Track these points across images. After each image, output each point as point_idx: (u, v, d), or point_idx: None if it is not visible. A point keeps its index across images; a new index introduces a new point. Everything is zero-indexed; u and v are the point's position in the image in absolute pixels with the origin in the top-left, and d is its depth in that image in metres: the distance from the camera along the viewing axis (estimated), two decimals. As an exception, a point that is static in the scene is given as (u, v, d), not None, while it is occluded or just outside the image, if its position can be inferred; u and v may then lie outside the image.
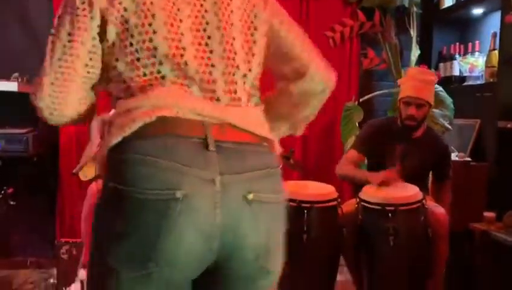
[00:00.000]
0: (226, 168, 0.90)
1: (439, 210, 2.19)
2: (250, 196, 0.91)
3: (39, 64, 1.06)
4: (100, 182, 2.30)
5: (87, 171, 2.82)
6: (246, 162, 0.93)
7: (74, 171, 2.25)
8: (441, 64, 3.34)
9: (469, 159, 2.83)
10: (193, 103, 0.93)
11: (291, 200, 2.00)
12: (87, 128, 2.77)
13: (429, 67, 3.46)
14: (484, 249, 2.62)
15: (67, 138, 3.13)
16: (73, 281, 2.37)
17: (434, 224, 2.13)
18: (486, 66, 2.89)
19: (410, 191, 2.18)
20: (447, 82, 3.19)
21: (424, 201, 2.13)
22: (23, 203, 3.03)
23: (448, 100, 3.02)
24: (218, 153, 0.91)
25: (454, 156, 2.87)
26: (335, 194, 2.18)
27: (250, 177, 0.93)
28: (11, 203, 2.96)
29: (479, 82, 2.97)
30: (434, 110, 2.80)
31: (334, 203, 2.15)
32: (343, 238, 2.12)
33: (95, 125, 2.85)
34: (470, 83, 3.07)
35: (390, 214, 2.07)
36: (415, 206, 2.11)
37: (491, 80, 2.80)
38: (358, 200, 2.17)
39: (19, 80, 3.06)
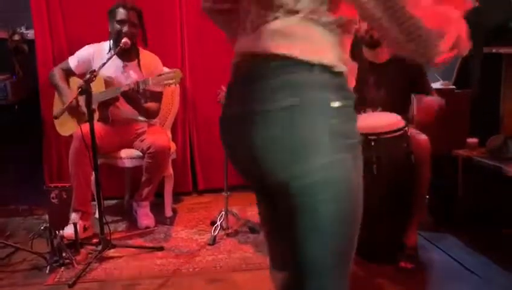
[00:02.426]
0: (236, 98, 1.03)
1: (421, 137, 2.22)
2: (240, 115, 0.98)
3: (8, 8, 0.99)
4: (85, 125, 2.30)
5: (64, 127, 2.78)
6: (245, 88, 1.00)
7: (55, 113, 2.21)
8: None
9: (453, 86, 2.83)
10: None
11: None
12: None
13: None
14: (467, 174, 2.70)
15: (46, 83, 3.04)
16: (66, 224, 2.41)
17: (416, 150, 2.16)
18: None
19: (392, 119, 2.19)
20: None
21: (406, 128, 2.15)
22: (8, 151, 3.00)
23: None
24: None
25: (438, 84, 2.88)
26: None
27: (244, 98, 0.98)
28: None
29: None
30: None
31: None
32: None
33: (58, 74, 2.77)
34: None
35: (372, 143, 2.09)
36: (397, 134, 2.13)
37: (476, 5, 2.75)
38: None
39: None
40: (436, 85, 2.85)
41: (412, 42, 0.91)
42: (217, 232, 2.61)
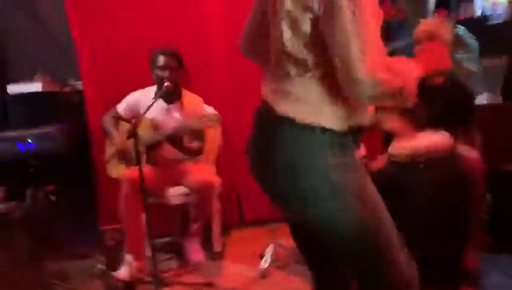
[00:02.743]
0: None
1: (471, 154, 2.15)
2: None
3: (58, 62, 1.10)
4: (133, 169, 2.41)
5: (114, 170, 2.91)
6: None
7: (106, 158, 2.32)
8: (462, 5, 3.22)
9: (499, 99, 2.74)
10: None
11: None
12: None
13: (449, 11, 3.33)
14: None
15: (96, 131, 3.20)
16: (121, 265, 2.48)
17: (468, 169, 2.09)
18: (509, 2, 2.76)
19: (439, 138, 2.14)
20: (470, 22, 3.07)
21: (455, 148, 2.09)
22: (64, 198, 3.15)
23: (473, 42, 2.92)
24: None
25: (483, 99, 2.80)
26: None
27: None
28: (53, 199, 3.09)
29: (502, 20, 2.85)
30: (457, 55, 2.71)
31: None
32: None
33: (108, 120, 2.89)
34: (494, 21, 2.95)
35: (421, 165, 2.04)
36: (445, 153, 2.07)
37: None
38: (388, 155, 2.15)
39: (42, 79, 3.14)
40: (481, 99, 2.78)
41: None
42: (266, 265, 2.61)
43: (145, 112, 2.44)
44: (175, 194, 2.85)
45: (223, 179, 3.38)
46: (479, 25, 3.03)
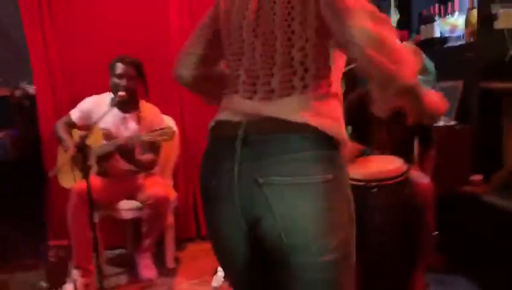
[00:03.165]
0: (246, 157, 1.01)
1: (423, 181, 2.17)
2: (261, 180, 0.98)
3: (9, 64, 1.03)
4: (81, 182, 2.31)
5: (65, 179, 2.80)
6: (266, 150, 0.99)
7: (51, 173, 2.21)
8: (422, 27, 3.27)
9: (454, 122, 2.79)
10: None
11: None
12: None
13: (410, 32, 3.38)
14: (474, 211, 2.62)
15: (48, 138, 3.07)
16: (64, 282, 2.37)
17: (419, 195, 2.11)
18: (466, 26, 2.82)
19: (393, 165, 2.15)
20: (429, 44, 3.13)
21: (407, 173, 2.10)
22: (13, 206, 3.01)
23: (430, 65, 2.96)
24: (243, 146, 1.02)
25: (440, 122, 2.84)
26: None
27: (266, 163, 0.98)
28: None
29: (460, 42, 2.91)
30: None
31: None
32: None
33: (61, 126, 2.77)
34: (452, 44, 3.01)
35: (374, 190, 2.04)
36: (398, 179, 2.08)
37: (471, 40, 2.74)
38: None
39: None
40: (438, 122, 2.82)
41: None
42: (218, 283, 2.55)
43: (97, 121, 2.35)
44: (127, 207, 2.76)
45: (180, 191, 3.33)
46: (437, 46, 3.09)
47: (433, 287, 2.47)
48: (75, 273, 2.53)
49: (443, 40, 3.08)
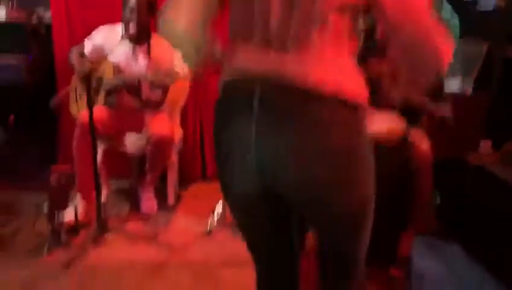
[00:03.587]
0: (263, 116, 0.97)
1: (423, 145, 2.12)
2: (277, 139, 0.97)
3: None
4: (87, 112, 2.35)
5: (75, 107, 2.84)
6: (283, 109, 0.97)
7: (52, 102, 2.24)
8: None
9: (471, 88, 2.68)
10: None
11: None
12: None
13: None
14: (478, 180, 2.57)
15: (62, 64, 3.10)
16: (65, 207, 2.47)
17: (417, 158, 2.07)
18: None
19: (394, 125, 2.09)
20: (459, 4, 2.95)
21: (407, 136, 2.05)
22: (24, 130, 3.11)
23: (455, 20, 2.80)
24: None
25: (455, 85, 2.73)
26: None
27: (283, 122, 0.96)
28: (13, 130, 3.05)
29: (490, 7, 2.73)
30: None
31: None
32: None
33: (75, 55, 2.75)
34: (481, 7, 2.83)
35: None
36: (398, 141, 2.03)
37: (502, 5, 2.57)
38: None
39: (9, 5, 3.00)
40: (452, 86, 2.71)
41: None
42: (213, 222, 2.62)
43: (108, 55, 2.35)
44: (132, 142, 2.81)
45: (188, 132, 3.35)
46: (466, 8, 2.91)
47: (424, 250, 2.49)
48: (78, 199, 2.63)
49: (474, 2, 2.90)
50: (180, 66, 2.76)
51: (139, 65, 2.73)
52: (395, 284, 2.14)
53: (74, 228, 2.48)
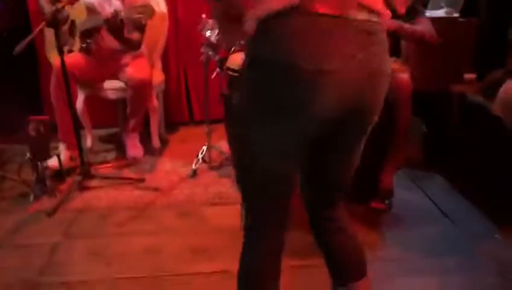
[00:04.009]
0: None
1: (402, 75, 2.06)
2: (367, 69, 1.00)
3: None
4: (66, 56, 2.28)
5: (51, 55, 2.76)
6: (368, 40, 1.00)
7: (15, 50, 2.16)
8: None
9: (457, 15, 2.57)
10: None
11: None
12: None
13: None
14: (462, 112, 2.53)
15: (37, 10, 2.99)
16: (47, 155, 2.46)
17: (395, 89, 2.01)
18: None
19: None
20: None
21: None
22: (6, 81, 3.04)
23: None
24: None
25: (441, 12, 2.63)
26: None
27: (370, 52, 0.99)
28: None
29: None
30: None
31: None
32: None
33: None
34: None
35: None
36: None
37: None
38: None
39: None
40: (438, 13, 2.61)
41: None
42: (197, 165, 2.63)
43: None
44: (110, 88, 2.76)
45: (171, 75, 3.29)
46: None
47: (407, 182, 2.50)
48: (60, 146, 2.63)
49: None
50: (156, 2, 2.66)
51: (114, 5, 2.63)
52: (377, 217, 2.17)
53: (59, 175, 2.49)
